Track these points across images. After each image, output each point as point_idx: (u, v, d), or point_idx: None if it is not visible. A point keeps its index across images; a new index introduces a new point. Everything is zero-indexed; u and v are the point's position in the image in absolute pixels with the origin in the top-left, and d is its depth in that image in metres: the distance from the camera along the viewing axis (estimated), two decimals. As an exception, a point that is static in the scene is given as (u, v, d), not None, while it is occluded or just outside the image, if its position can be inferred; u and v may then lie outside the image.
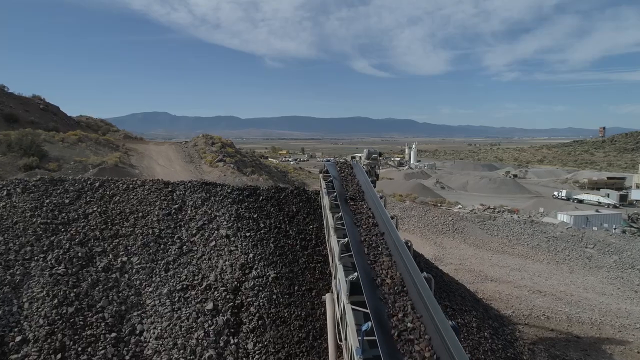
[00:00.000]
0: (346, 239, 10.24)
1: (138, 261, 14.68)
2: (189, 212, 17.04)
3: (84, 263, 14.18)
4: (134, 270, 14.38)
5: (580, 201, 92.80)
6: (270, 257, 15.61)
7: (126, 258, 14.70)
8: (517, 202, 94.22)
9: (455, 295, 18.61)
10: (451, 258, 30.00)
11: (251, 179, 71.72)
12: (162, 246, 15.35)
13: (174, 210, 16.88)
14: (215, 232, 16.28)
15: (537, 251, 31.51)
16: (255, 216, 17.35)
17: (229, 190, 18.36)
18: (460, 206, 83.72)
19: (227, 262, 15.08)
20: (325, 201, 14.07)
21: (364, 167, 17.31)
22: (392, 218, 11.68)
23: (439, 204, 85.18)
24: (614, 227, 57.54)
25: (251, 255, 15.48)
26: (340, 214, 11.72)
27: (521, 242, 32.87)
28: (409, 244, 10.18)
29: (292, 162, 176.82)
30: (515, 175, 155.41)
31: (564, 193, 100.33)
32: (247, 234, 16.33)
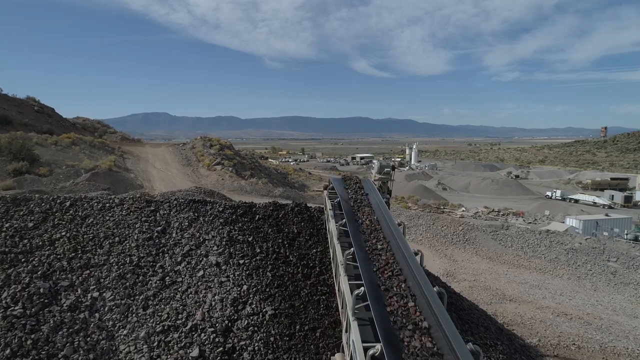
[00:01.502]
0: (362, 287, 8.05)
1: (112, 297, 12.46)
2: (174, 235, 14.79)
3: (46, 301, 11.95)
4: (106, 309, 12.15)
5: (576, 201, 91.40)
6: (268, 290, 13.39)
7: (97, 293, 12.47)
8: (521, 204, 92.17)
9: (479, 327, 16.42)
10: (464, 273, 27.80)
11: (250, 182, 69.54)
12: (140, 278, 13.13)
13: (156, 234, 14.63)
14: (204, 259, 14.05)
15: (556, 265, 29.32)
16: (250, 239, 15.12)
17: (220, 209, 16.13)
18: (463, 209, 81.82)
19: (216, 297, 12.87)
20: (332, 226, 11.88)
21: (375, 182, 15.12)
22: (416, 254, 9.51)
23: (442, 207, 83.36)
24: (625, 232, 55.53)
25: (245, 287, 13.26)
26: (353, 249, 9.53)
27: (538, 255, 30.66)
28: (442, 296, 7.99)
29: (292, 163, 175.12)
30: (517, 176, 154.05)
31: (558, 193, 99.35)
32: (241, 261, 14.11)
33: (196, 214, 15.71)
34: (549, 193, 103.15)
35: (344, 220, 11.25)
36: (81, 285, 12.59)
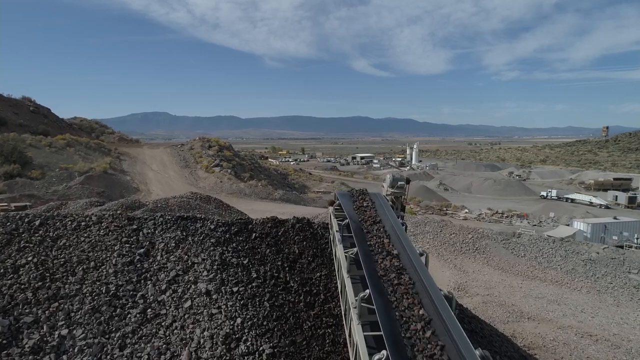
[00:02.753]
0: (384, 352, 6.27)
1: (83, 335, 10.66)
2: (158, 258, 12.96)
3: (4, 342, 10.15)
4: (75, 349, 10.35)
5: (572, 200, 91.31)
6: (265, 323, 11.59)
7: (67, 331, 10.67)
8: (524, 205, 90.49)
9: (502, 356, 14.65)
10: (476, 287, 26.01)
11: (249, 185, 67.80)
12: (118, 310, 11.32)
13: (138, 257, 12.78)
14: (192, 286, 12.24)
15: (573, 277, 27.52)
16: (245, 262, 13.30)
17: (212, 227, 14.28)
18: (466, 211, 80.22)
19: (206, 333, 11.08)
20: (340, 254, 10.08)
21: (387, 197, 13.34)
22: (449, 298, 7.74)
23: (445, 208, 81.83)
24: (635, 236, 53.75)
25: (239, 320, 11.47)
26: (368, 291, 7.74)
27: (553, 266, 28.85)
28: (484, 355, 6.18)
29: (292, 163, 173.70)
30: (518, 176, 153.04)
31: (554, 193, 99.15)
32: (235, 289, 12.30)
33: (184, 233, 13.87)
34: (543, 193, 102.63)
35: (356, 249, 9.45)
36: (48, 321, 10.79)
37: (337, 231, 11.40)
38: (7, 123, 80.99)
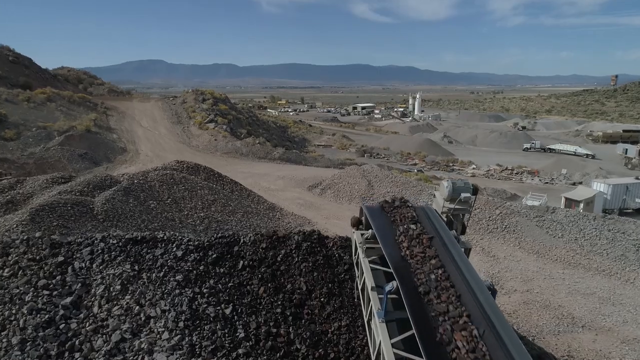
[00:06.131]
0: None
1: None
2: (95, 310, 8.47)
3: None
4: None
5: (554, 150, 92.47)
6: (258, 423, 7.37)
7: None
8: (533, 160, 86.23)
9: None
10: (512, 279, 21.94)
11: (245, 143, 62.86)
12: (22, 413, 7.08)
13: (62, 312, 8.33)
14: (145, 359, 7.92)
15: (624, 264, 23.40)
16: (228, 311, 8.83)
17: (179, 253, 9.65)
18: (474, 166, 75.99)
19: None
20: (380, 330, 5.70)
21: (442, 214, 8.81)
22: None
23: (452, 164, 77.64)
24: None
25: (217, 421, 7.24)
26: None
27: (597, 250, 24.68)
28: None
29: (291, 113, 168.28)
30: (523, 127, 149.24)
31: (537, 144, 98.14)
32: (211, 362, 7.96)
33: (136, 267, 9.26)
34: (527, 145, 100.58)
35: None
36: None
37: (371, 282, 6.95)
38: (-17, 76, 74.68)
